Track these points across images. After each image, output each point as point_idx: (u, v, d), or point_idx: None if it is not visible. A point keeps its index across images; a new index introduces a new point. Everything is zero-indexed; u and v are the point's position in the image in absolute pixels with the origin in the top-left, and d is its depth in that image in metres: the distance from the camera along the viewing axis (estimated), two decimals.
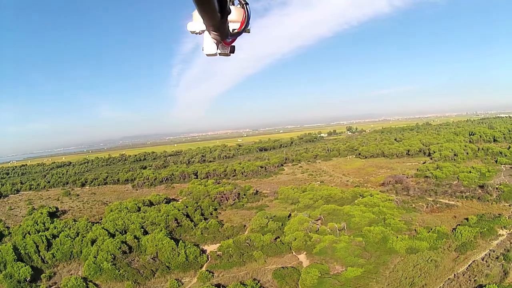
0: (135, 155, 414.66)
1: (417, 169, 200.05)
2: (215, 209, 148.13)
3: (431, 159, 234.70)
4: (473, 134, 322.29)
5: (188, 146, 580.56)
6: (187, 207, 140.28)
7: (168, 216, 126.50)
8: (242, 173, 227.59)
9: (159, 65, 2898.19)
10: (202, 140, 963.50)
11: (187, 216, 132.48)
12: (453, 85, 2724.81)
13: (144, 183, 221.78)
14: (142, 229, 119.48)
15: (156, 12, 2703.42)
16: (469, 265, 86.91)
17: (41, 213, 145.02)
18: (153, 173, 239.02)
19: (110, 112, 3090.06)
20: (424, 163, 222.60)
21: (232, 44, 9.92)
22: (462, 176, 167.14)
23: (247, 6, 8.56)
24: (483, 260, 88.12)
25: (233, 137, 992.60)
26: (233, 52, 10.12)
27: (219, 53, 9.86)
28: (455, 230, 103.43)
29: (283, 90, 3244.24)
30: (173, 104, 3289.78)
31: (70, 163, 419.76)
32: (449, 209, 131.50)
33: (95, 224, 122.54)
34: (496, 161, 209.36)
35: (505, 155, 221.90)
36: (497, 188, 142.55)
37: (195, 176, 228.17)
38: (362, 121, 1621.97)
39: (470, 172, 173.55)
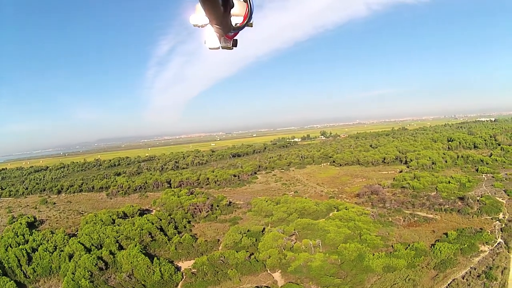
0: (110, 160, 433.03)
1: (394, 179, 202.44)
2: (189, 222, 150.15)
3: (407, 167, 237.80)
4: (452, 141, 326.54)
5: (161, 151, 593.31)
6: (160, 220, 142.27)
7: (142, 230, 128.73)
8: (215, 182, 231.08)
9: (134, 67, 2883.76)
10: (175, 143, 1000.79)
11: (161, 229, 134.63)
12: (430, 89, 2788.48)
13: (118, 191, 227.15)
14: (117, 244, 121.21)
15: (132, 13, 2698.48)
16: (448, 284, 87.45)
17: (21, 223, 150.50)
18: (127, 181, 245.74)
19: (86, 114, 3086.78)
20: (400, 172, 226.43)
21: (235, 38, 10.54)
22: (441, 186, 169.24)
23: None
24: (463, 278, 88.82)
25: (207, 140, 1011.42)
26: (235, 46, 10.81)
27: (221, 47, 10.58)
28: (434, 247, 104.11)
29: (257, 93, 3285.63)
30: (147, 106, 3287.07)
31: (47, 167, 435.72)
32: (427, 223, 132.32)
33: (71, 238, 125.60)
34: (477, 170, 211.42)
35: (487, 163, 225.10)
36: (478, 200, 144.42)
37: (169, 185, 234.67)
38: (336, 124, 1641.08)
39: (449, 182, 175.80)
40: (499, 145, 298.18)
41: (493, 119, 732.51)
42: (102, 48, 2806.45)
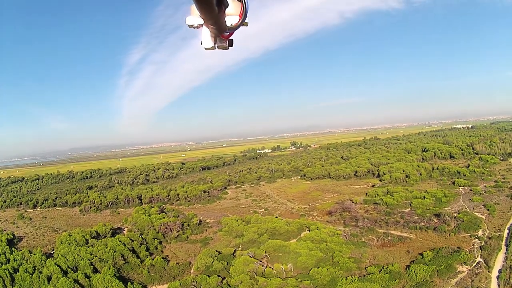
0: (82, 172, 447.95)
1: (366, 194, 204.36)
2: (160, 242, 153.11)
3: (380, 181, 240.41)
4: (427, 151, 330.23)
5: (132, 162, 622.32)
6: (132, 241, 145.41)
7: (115, 252, 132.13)
8: (186, 198, 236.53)
9: (106, 76, 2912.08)
10: (146, 153, 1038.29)
11: (133, 251, 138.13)
12: (403, 96, 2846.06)
13: (90, 207, 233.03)
14: (92, 266, 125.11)
15: (104, 22, 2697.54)
16: None
17: (1, 241, 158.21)
18: (99, 196, 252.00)
19: (59, 124, 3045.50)
20: (373, 186, 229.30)
21: (230, 38, 11.23)
22: (415, 202, 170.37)
23: None
24: None
25: (177, 150, 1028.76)
26: (231, 46, 11.46)
27: (217, 47, 11.21)
28: (409, 269, 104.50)
29: (226, 102, 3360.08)
30: (119, 116, 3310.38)
31: (24, 178, 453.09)
32: (401, 243, 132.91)
33: (48, 259, 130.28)
34: (454, 183, 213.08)
35: (464, 175, 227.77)
36: (455, 217, 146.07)
37: (139, 201, 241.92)
38: (306, 133, 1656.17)
39: (424, 197, 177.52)
40: (477, 154, 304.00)
41: (470, 126, 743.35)
42: (75, 57, 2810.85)
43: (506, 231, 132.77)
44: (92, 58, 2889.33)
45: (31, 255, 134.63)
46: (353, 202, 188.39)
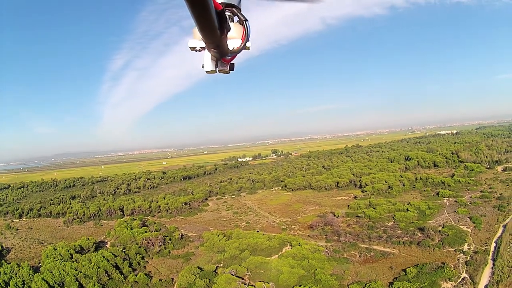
0: (65, 180, 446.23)
1: (348, 206, 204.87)
2: (142, 258, 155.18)
3: (362, 191, 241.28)
4: (410, 159, 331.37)
5: (114, 169, 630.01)
6: (115, 256, 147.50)
7: (99, 268, 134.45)
8: (167, 210, 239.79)
9: (89, 82, 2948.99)
10: (128, 160, 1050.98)
11: (116, 267, 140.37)
12: (386, 102, 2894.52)
13: (74, 219, 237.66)
14: (77, 282, 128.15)
15: (87, 27, 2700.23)
16: None
17: None
18: (82, 208, 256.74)
19: (43, 129, 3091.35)
20: (355, 197, 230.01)
21: (232, 62, 11.47)
22: (398, 216, 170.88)
23: (247, 22, 9.99)
24: None
25: (158, 158, 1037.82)
26: (232, 70, 11.73)
27: (218, 70, 11.44)
28: (391, 286, 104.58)
29: (208, 109, 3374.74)
30: (102, 122, 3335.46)
31: (9, 185, 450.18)
32: (384, 258, 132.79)
33: (36, 274, 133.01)
34: (438, 194, 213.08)
35: (449, 185, 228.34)
36: (439, 231, 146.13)
37: (121, 212, 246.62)
38: (288, 139, 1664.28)
39: (407, 210, 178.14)
40: (462, 162, 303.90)
41: (454, 132, 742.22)
42: (58, 61, 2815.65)
43: (493, 244, 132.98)
44: (76, 62, 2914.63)
45: (19, 269, 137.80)
46: (335, 215, 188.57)
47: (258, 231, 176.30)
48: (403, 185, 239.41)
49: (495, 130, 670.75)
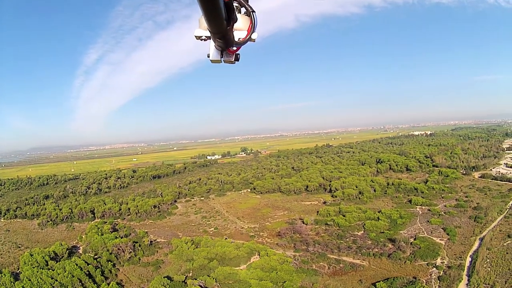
0: (39, 178, 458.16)
1: (317, 212, 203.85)
2: (114, 265, 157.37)
3: (332, 197, 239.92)
4: (381, 162, 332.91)
5: (86, 166, 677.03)
6: (88, 264, 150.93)
7: (73, 277, 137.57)
8: (137, 213, 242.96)
9: (64, 75, 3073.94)
10: (99, 156, 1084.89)
11: (90, 276, 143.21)
12: (358, 100, 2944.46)
13: (48, 221, 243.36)
14: None
15: (63, 20, 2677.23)
16: None
17: None
18: (55, 209, 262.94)
19: (18, 123, 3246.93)
20: (324, 202, 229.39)
21: (237, 52, 11.39)
22: (369, 225, 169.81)
23: (254, 14, 10.17)
24: None
25: (129, 153, 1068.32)
26: (237, 60, 11.70)
27: (223, 61, 11.56)
28: None
29: (179, 104, 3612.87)
30: (75, 116, 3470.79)
31: None
32: (354, 271, 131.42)
33: (17, 281, 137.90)
34: (410, 201, 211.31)
35: (422, 192, 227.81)
36: (411, 243, 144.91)
37: (93, 214, 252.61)
38: (257, 136, 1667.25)
39: (378, 219, 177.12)
40: (437, 167, 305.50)
41: (428, 133, 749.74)
42: (33, 55, 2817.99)
43: (468, 259, 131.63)
44: (50, 56, 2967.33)
45: (1, 275, 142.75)
46: (303, 222, 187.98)
47: (226, 238, 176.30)
48: (374, 190, 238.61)
49: (472, 132, 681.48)
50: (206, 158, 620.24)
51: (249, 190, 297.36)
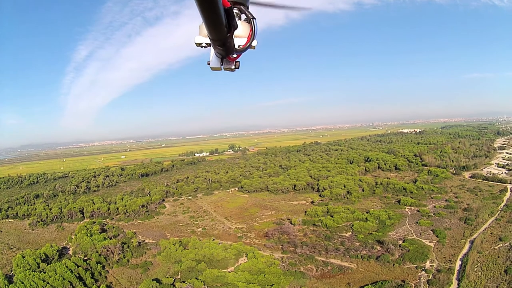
0: (30, 176, 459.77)
1: (305, 212, 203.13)
2: (103, 267, 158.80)
3: (320, 196, 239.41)
4: (370, 161, 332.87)
5: (75, 163, 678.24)
6: (78, 266, 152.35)
7: (64, 279, 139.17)
8: (125, 213, 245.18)
9: (54, 72, 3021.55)
10: (88, 153, 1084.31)
11: (80, 278, 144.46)
12: (347, 96, 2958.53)
13: (38, 221, 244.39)
14: None
15: (52, 17, 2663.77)
16: None
17: None
18: (45, 209, 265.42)
19: (10, 120, 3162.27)
20: (312, 202, 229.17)
21: (237, 60, 11.60)
22: (357, 226, 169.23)
23: (254, 20, 10.36)
24: None
25: (117, 150, 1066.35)
26: (238, 68, 11.96)
27: (223, 68, 11.80)
28: None
29: (168, 100, 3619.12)
30: (64, 113, 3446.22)
31: None
32: (342, 273, 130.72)
33: (11, 284, 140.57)
34: (399, 202, 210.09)
35: (411, 192, 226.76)
36: (400, 246, 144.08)
37: (82, 214, 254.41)
38: (246, 133, 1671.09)
39: (366, 220, 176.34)
40: (426, 166, 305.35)
41: (418, 131, 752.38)
42: (24, 52, 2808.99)
43: (458, 262, 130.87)
44: (41, 53, 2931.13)
45: None
46: (291, 222, 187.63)
47: (214, 239, 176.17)
48: (363, 190, 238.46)
49: (462, 130, 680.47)
50: (194, 155, 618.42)
51: (236, 189, 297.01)
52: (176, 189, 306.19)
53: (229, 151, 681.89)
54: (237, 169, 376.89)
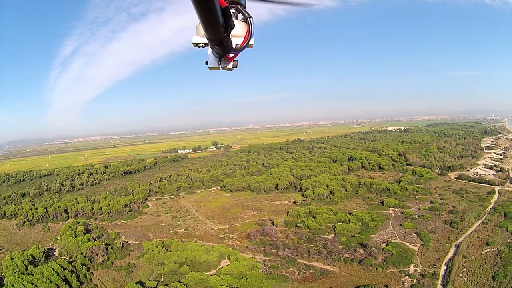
0: (16, 174, 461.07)
1: (287, 213, 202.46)
2: (88, 269, 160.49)
3: (303, 196, 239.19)
4: (353, 160, 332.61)
5: (60, 160, 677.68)
6: (64, 269, 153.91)
7: (51, 282, 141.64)
8: (108, 213, 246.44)
9: (40, 67, 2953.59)
10: (73, 149, 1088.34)
11: (66, 281, 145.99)
12: (330, 93, 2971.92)
13: (25, 221, 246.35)
14: None
15: (38, 12, 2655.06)
16: None
17: None
18: (31, 209, 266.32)
19: None
20: (294, 202, 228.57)
21: (235, 59, 11.69)
22: (340, 228, 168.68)
23: (251, 20, 10.58)
24: None
25: (101, 147, 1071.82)
26: (235, 67, 12.02)
27: (221, 68, 11.96)
28: None
29: (151, 96, 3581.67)
30: (50, 108, 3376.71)
31: None
32: (324, 277, 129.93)
33: (2, 287, 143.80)
34: (383, 203, 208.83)
35: (394, 193, 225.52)
36: (383, 249, 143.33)
37: (66, 214, 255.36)
38: (228, 129, 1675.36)
39: (349, 221, 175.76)
40: (410, 165, 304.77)
41: (402, 128, 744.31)
42: (11, 46, 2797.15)
43: (443, 267, 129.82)
44: (26, 48, 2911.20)
45: None
46: (273, 223, 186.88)
47: (196, 241, 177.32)
48: (346, 190, 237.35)
49: (448, 128, 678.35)
50: (177, 152, 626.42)
51: (219, 187, 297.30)
52: (159, 187, 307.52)
53: (212, 148, 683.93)
54: (219, 167, 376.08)
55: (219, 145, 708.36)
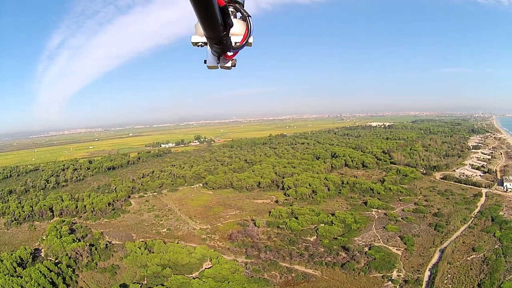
0: (4, 170, 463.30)
1: (269, 213, 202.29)
2: (73, 271, 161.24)
3: (285, 194, 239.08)
4: (337, 157, 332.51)
5: (45, 154, 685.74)
6: (50, 271, 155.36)
7: (38, 285, 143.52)
8: (92, 211, 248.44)
9: (27, 61, 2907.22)
10: (58, 143, 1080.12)
11: (53, 283, 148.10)
12: (314, 87, 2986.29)
13: (12, 221, 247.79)
14: None
15: (25, 4, 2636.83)
16: None
17: None
18: (17, 207, 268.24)
19: None
20: (277, 201, 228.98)
21: (234, 58, 11.70)
22: (322, 230, 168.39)
23: (250, 18, 10.52)
24: None
25: (86, 140, 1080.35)
26: (234, 66, 12.01)
27: (220, 66, 11.96)
28: None
29: (135, 88, 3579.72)
30: (37, 101, 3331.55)
31: None
32: (306, 281, 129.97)
33: None
34: (366, 204, 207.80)
35: (378, 193, 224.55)
36: (366, 253, 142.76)
37: (52, 212, 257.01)
38: (212, 122, 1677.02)
39: (331, 223, 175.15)
40: (394, 164, 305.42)
41: (387, 124, 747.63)
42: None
43: (427, 273, 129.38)
44: (13, 40, 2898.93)
45: None
46: (255, 224, 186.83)
47: (178, 242, 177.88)
48: (328, 189, 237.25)
49: (434, 125, 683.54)
50: (160, 146, 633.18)
51: (201, 185, 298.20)
52: (142, 184, 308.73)
53: (195, 142, 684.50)
54: (202, 163, 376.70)
55: (202, 139, 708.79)
